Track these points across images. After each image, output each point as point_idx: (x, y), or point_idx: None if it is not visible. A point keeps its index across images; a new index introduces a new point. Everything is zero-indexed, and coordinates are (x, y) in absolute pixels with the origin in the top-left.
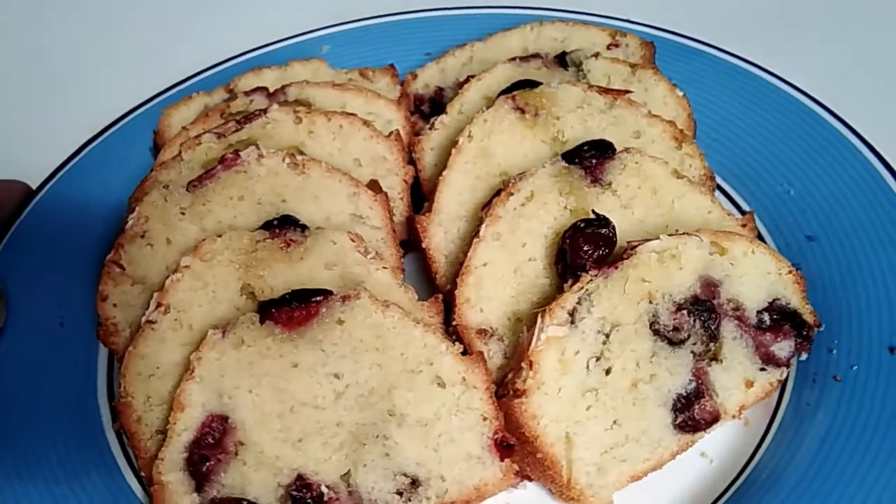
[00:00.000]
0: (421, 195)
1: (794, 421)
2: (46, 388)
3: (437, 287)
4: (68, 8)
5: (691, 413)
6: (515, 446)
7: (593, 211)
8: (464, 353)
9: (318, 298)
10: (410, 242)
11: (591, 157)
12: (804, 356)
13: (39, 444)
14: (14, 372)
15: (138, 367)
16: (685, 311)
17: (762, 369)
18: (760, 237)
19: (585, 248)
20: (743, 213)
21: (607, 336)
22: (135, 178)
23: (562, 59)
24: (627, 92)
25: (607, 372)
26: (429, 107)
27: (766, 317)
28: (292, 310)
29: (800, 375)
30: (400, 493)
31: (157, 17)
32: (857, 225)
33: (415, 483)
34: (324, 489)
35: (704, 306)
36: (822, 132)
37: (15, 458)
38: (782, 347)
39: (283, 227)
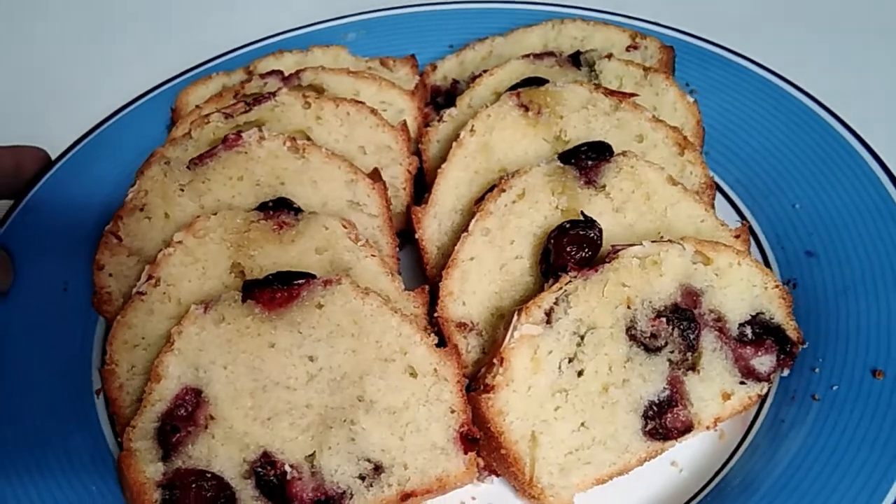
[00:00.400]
0: (425, 186)
1: (768, 437)
2: (44, 349)
3: (428, 278)
4: None
5: (663, 421)
6: (481, 440)
7: (581, 213)
8: (442, 345)
9: (300, 281)
10: (410, 233)
11: (587, 159)
12: (786, 372)
13: (31, 401)
14: (15, 332)
15: (125, 336)
16: (664, 319)
17: (742, 382)
18: (760, 249)
19: (569, 249)
20: (748, 223)
21: (582, 338)
22: (148, 154)
23: (575, 59)
24: (633, 95)
25: (579, 374)
26: (444, 99)
27: (748, 330)
28: (274, 291)
29: (780, 391)
30: (362, 478)
31: None
32: (858, 244)
33: (378, 469)
34: (287, 468)
35: (684, 315)
36: (837, 148)
37: (4, 412)
38: (763, 362)
39: (278, 209)
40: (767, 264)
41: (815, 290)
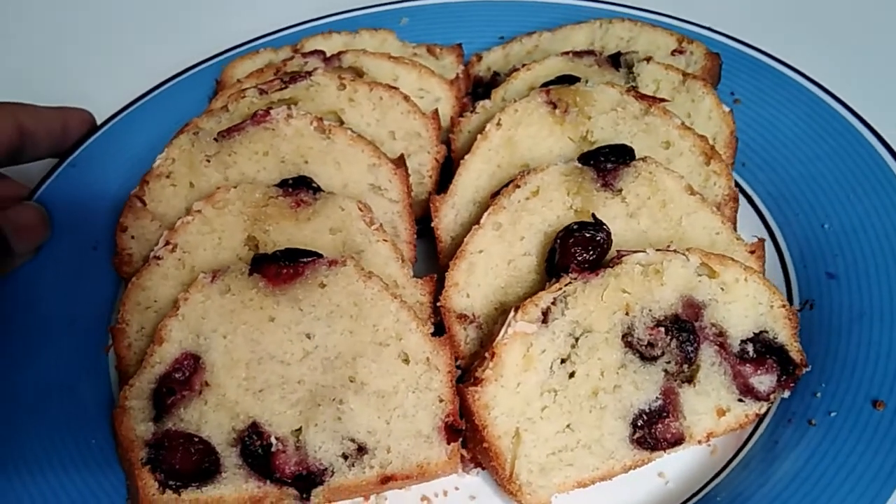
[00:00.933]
0: (452, 176)
1: (759, 457)
2: (69, 303)
3: (440, 267)
4: None
5: (652, 431)
6: (466, 432)
7: (592, 215)
8: (440, 334)
9: (306, 260)
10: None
11: (607, 161)
12: (786, 394)
13: (49, 351)
14: (45, 284)
15: (138, 297)
16: (663, 329)
17: (740, 400)
18: (783, 265)
19: (573, 251)
20: (773, 237)
21: (577, 340)
22: None
23: (615, 59)
24: (663, 101)
25: (570, 375)
26: (484, 90)
27: (749, 347)
28: (280, 267)
29: (779, 412)
30: (345, 457)
31: None
32: (881, 271)
33: (361, 450)
34: (273, 440)
35: (684, 326)
36: (877, 172)
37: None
38: (762, 381)
39: (297, 187)
40: (788, 282)
41: (832, 313)
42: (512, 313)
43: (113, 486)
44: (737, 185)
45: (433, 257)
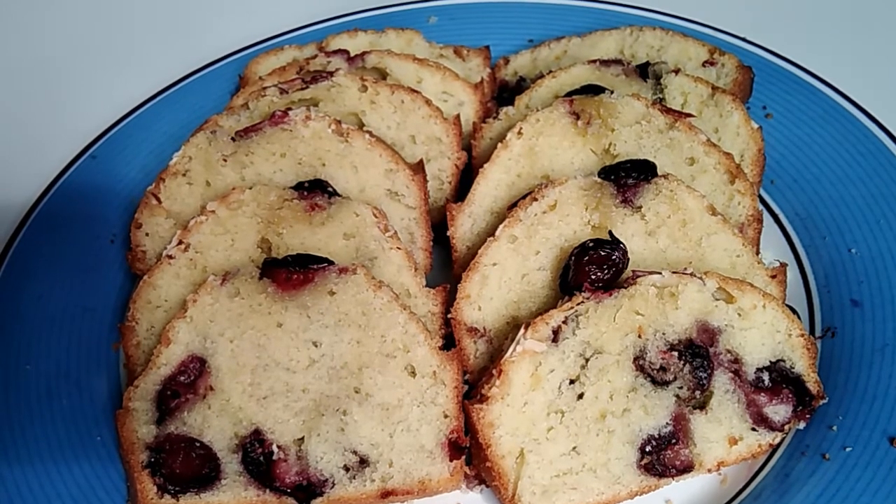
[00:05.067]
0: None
1: (770, 489)
2: (82, 296)
3: (454, 277)
4: None
5: (661, 457)
6: (471, 449)
7: (609, 232)
8: (451, 346)
9: (316, 266)
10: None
11: (628, 177)
12: (802, 425)
13: (59, 345)
14: (59, 277)
15: (149, 296)
16: (676, 353)
17: (753, 429)
18: (807, 289)
19: (587, 269)
20: (798, 259)
21: (587, 361)
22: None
23: (643, 70)
24: (689, 116)
25: (579, 397)
26: (509, 95)
27: (765, 376)
28: (290, 272)
29: (793, 444)
30: (346, 469)
31: None
32: None
33: (363, 462)
34: (274, 448)
35: (697, 352)
36: None
37: (39, 348)
38: (777, 411)
39: (313, 190)
40: (811, 307)
41: (853, 342)
42: (521, 330)
43: (115, 484)
44: (764, 203)
45: (451, 265)
